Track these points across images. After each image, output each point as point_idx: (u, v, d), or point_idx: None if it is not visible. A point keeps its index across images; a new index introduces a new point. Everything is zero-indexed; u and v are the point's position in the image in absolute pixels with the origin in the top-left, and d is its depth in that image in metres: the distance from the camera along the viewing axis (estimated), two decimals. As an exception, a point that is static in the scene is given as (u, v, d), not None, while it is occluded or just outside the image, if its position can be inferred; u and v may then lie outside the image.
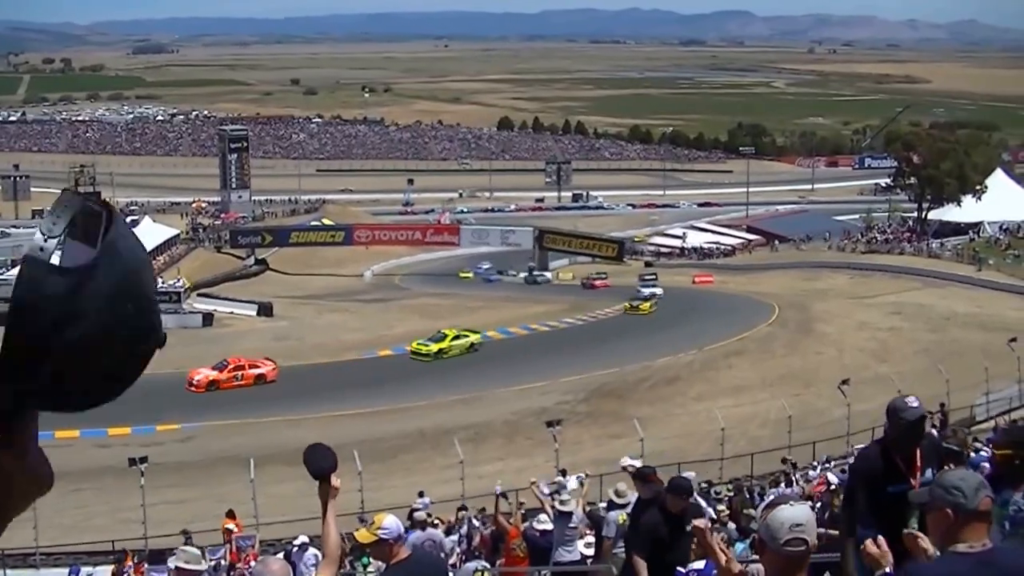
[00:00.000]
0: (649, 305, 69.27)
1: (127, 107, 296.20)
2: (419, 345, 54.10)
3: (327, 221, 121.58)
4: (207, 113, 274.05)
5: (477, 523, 21.16)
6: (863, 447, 10.81)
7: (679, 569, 9.60)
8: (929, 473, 6.88)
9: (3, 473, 1.31)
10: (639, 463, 14.52)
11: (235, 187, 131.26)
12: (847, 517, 7.36)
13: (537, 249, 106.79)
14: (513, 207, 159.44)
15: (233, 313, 71.34)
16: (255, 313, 71.58)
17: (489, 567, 14.02)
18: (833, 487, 20.09)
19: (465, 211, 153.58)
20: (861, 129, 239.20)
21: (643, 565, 9.55)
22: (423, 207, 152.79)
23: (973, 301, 65.89)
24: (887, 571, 4.86)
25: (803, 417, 37.50)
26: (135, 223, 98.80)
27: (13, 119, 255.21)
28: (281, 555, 17.97)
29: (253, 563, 19.84)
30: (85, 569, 24.72)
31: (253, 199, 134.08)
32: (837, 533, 8.86)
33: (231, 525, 24.50)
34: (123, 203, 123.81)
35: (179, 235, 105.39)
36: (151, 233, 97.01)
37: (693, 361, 51.91)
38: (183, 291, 71.49)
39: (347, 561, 17.25)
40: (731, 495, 24.23)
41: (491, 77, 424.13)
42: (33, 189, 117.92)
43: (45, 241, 1.22)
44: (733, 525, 19.18)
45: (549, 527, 15.40)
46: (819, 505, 19.05)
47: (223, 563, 21.83)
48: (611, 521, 12.93)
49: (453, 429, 37.80)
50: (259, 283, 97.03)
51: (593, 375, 48.92)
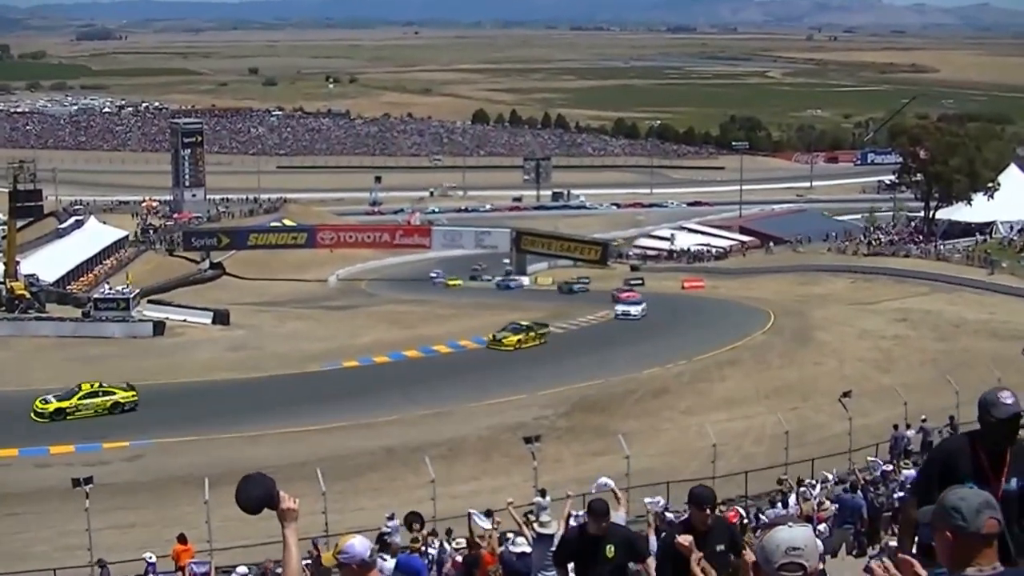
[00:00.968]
0: (516, 340, 59.34)
1: (71, 98, 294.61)
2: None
3: (288, 222, 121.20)
4: (158, 105, 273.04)
5: (448, 547, 21.12)
6: (947, 438, 10.56)
7: None
8: (1015, 482, 6.43)
9: None
10: (612, 483, 14.51)
11: (188, 185, 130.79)
12: (906, 518, 7.10)
13: (514, 252, 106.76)
14: (488, 207, 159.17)
15: (186, 321, 70.94)
16: (210, 321, 71.19)
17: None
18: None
19: (437, 211, 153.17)
20: (864, 122, 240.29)
21: None
22: (391, 207, 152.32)
23: (984, 307, 66.27)
24: None
25: (801, 432, 37.61)
26: (79, 223, 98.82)
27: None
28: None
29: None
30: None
31: (208, 198, 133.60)
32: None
33: (184, 550, 24.39)
34: (67, 202, 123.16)
35: (128, 237, 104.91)
36: (97, 235, 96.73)
37: (682, 372, 52.03)
38: (132, 298, 71.04)
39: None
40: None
41: (465, 67, 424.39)
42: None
43: None
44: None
45: (527, 550, 15.37)
46: (821, 527, 19.13)
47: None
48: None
49: (424, 446, 37.72)
50: (215, 289, 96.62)
51: (575, 387, 48.96)
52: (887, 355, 54.84)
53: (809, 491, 26.89)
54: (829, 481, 28.37)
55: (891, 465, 28.01)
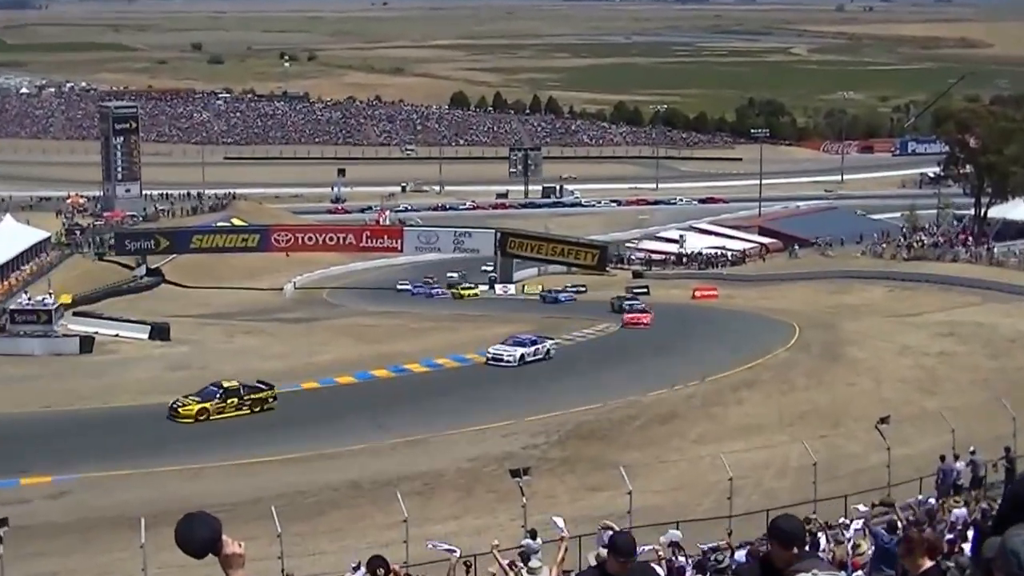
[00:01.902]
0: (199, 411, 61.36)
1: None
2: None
3: (237, 222, 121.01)
4: (85, 86, 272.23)
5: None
6: None
7: None
8: None
9: None
10: (615, 526, 14.53)
11: (121, 179, 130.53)
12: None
13: (499, 256, 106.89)
14: (469, 204, 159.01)
15: (119, 336, 70.68)
16: (147, 336, 70.95)
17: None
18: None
19: (410, 209, 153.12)
20: (903, 106, 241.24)
21: None
22: (357, 204, 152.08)
23: (1045, 320, 66.36)
24: None
25: (831, 464, 37.61)
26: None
27: None
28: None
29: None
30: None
31: (144, 194, 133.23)
32: None
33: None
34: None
35: (50, 239, 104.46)
36: (14, 236, 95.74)
37: (693, 395, 52.09)
38: (55, 309, 70.74)
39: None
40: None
41: (441, 43, 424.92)
42: None
43: None
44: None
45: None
46: (857, 575, 19.10)
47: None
48: None
49: (395, 480, 37.67)
50: (152, 299, 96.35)
51: (569, 412, 49.01)
52: (931, 375, 54.93)
53: (842, 532, 26.83)
54: (864, 517, 28.33)
55: (937, 502, 27.99)
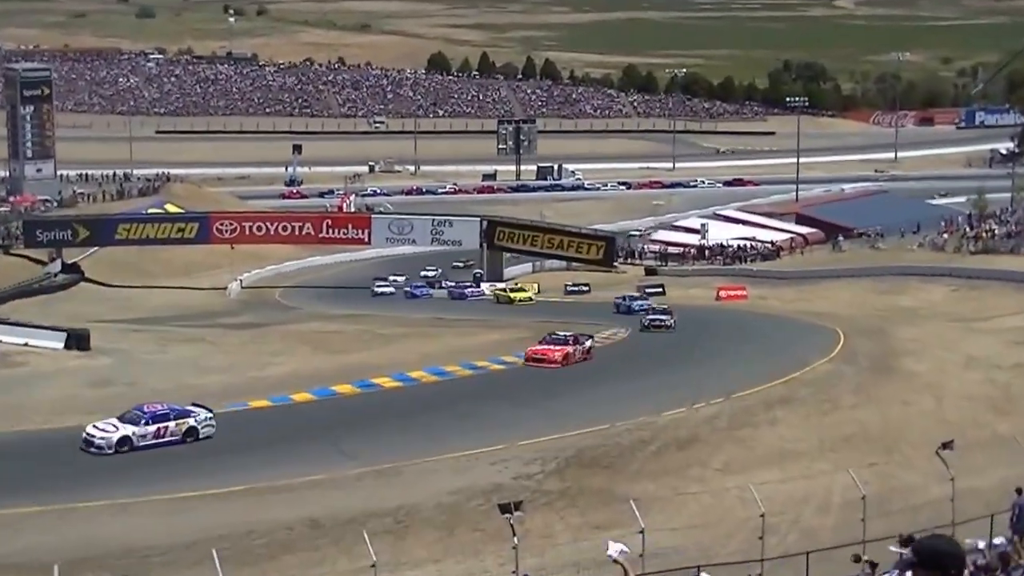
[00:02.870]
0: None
1: None
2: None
3: (172, 208, 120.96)
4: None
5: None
6: None
7: None
8: None
9: None
10: (625, 550, 14.59)
11: (31, 156, 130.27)
12: None
13: (485, 249, 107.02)
14: (450, 187, 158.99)
15: (28, 345, 70.52)
16: (62, 345, 70.81)
17: None
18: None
19: (379, 193, 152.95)
20: (969, 69, 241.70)
21: None
22: (316, 187, 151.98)
23: None
24: None
25: (884, 498, 37.60)
26: None
27: None
28: None
29: None
30: None
31: (60, 175, 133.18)
32: None
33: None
34: None
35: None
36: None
37: (717, 415, 52.13)
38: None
39: None
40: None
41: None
42: None
43: None
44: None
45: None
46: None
47: None
48: None
49: (362, 516, 37.61)
50: (69, 300, 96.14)
51: (568, 436, 48.90)
52: (1005, 392, 54.99)
53: (897, 578, 26.82)
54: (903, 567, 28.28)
55: (1012, 544, 28.00)
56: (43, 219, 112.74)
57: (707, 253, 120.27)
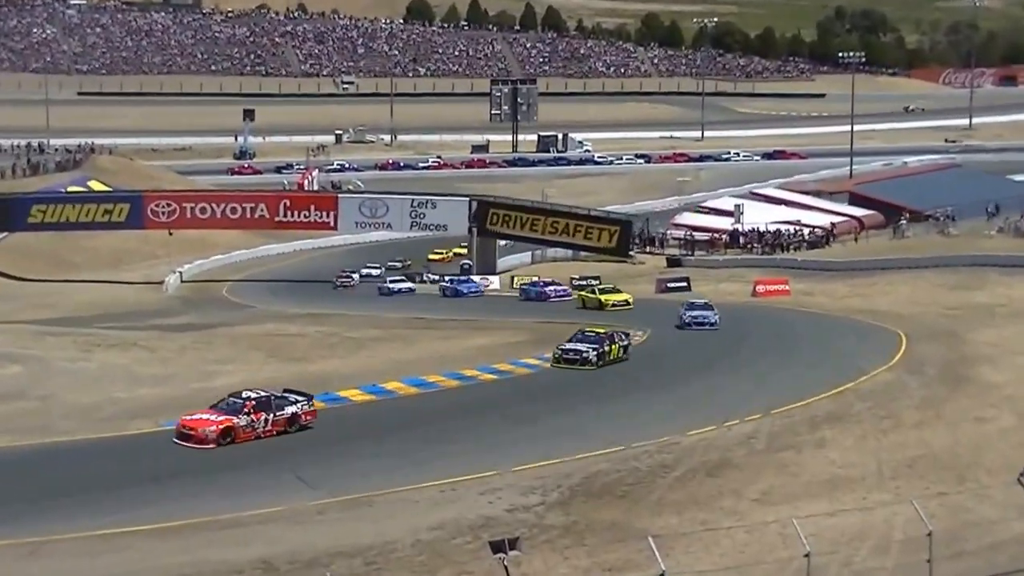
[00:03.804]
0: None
1: None
2: None
3: (98, 186, 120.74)
4: None
5: None
6: None
7: None
8: None
9: None
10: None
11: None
12: None
13: (475, 235, 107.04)
14: (433, 160, 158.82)
15: (-78, 351, 70.74)
16: (-36, 351, 70.96)
17: None
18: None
19: (348, 168, 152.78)
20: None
21: None
22: (272, 161, 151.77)
23: None
24: None
25: (955, 534, 37.57)
26: None
27: None
28: None
29: None
30: None
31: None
32: None
33: None
34: None
35: None
36: None
37: (754, 434, 52.12)
38: None
39: None
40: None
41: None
42: None
43: None
44: None
45: None
46: None
47: None
48: None
49: (325, 557, 37.61)
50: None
51: (574, 459, 48.88)
52: (1103, 407, 55.05)
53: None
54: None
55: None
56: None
57: (742, 240, 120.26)
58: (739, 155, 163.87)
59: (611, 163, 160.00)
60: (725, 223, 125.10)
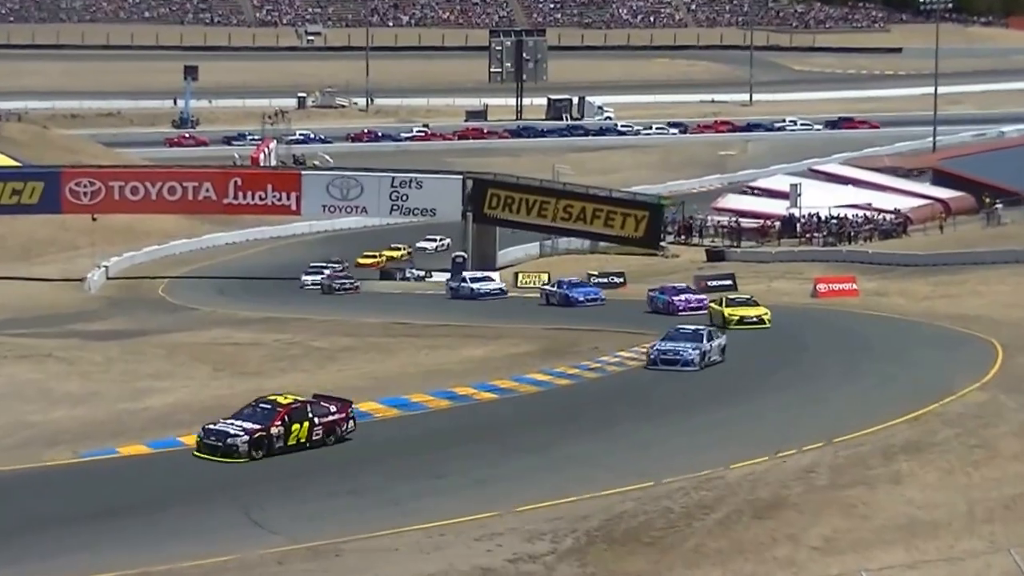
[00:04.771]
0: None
1: None
2: None
3: (3, 160, 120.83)
4: None
5: None
6: None
7: None
8: None
9: None
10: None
11: None
12: None
13: (470, 222, 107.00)
14: (419, 129, 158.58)
15: None
16: None
17: None
18: None
19: (313, 138, 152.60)
20: None
21: None
22: (219, 130, 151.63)
23: None
24: None
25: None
26: None
27: None
28: None
29: None
30: None
31: None
32: None
33: None
34: None
35: None
36: None
37: (815, 466, 52.01)
38: None
39: None
40: None
41: None
42: None
43: None
44: None
45: None
46: None
47: None
48: None
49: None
50: None
51: (593, 497, 48.79)
52: None
53: None
54: None
55: None
56: None
57: (799, 228, 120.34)
58: (796, 124, 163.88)
59: (638, 133, 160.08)
60: (778, 207, 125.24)
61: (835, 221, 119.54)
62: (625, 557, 44.30)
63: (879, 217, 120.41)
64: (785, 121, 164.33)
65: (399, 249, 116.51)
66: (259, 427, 52.79)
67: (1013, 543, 40.76)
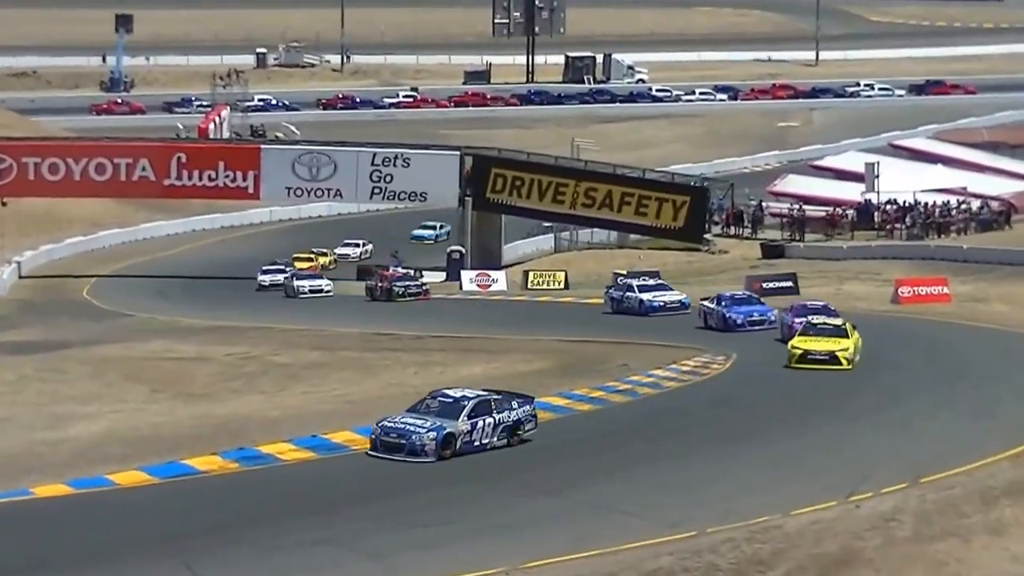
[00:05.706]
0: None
1: None
2: None
3: None
4: None
5: None
6: None
7: None
8: None
9: None
10: None
11: None
12: None
13: (468, 208, 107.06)
14: (407, 94, 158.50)
15: None
16: None
17: None
18: None
19: (275, 104, 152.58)
20: None
21: None
22: (159, 93, 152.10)
23: None
24: None
25: None
26: None
27: None
28: None
29: None
30: None
31: None
32: None
33: None
34: None
35: None
36: None
37: (896, 513, 51.63)
38: None
39: None
40: None
41: None
42: None
43: None
44: None
45: None
46: None
47: None
48: None
49: None
50: None
51: (618, 551, 48.34)
52: None
53: None
54: None
55: None
56: None
57: (877, 217, 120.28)
58: (873, 88, 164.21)
59: (676, 100, 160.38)
60: (851, 192, 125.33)
61: (922, 209, 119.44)
62: (666, 625, 44.14)
63: (976, 204, 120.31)
64: (859, 85, 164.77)
65: (325, 255, 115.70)
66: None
67: None
